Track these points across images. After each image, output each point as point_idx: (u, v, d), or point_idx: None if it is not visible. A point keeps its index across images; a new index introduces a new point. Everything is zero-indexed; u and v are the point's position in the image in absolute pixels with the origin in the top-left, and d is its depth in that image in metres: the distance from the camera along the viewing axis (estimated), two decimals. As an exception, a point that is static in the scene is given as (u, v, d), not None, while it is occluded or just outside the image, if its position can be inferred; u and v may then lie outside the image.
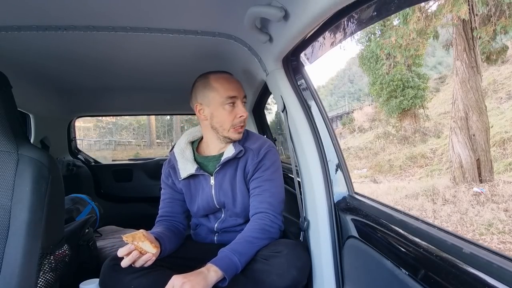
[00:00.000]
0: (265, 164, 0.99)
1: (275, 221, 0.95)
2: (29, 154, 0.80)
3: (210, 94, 0.99)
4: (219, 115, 0.99)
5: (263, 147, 1.01)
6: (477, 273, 0.45)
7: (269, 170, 0.99)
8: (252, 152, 1.00)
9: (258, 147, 1.01)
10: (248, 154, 1.00)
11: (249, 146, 1.02)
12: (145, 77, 1.54)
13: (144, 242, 0.78)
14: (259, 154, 1.00)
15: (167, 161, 1.11)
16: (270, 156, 1.01)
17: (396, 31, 6.83)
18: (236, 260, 0.82)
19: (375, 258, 0.67)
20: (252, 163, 0.99)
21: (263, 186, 0.97)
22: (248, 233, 0.91)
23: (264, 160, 0.99)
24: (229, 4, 0.83)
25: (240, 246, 0.86)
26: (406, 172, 8.82)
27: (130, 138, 19.20)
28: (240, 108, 0.99)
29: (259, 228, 0.91)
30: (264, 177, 0.98)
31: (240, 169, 1.00)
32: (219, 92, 0.98)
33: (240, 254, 0.83)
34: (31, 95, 1.58)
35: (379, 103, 12.08)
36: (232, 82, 1.01)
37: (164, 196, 1.10)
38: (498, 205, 4.52)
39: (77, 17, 0.88)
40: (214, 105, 0.99)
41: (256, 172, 0.99)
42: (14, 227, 0.76)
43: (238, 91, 0.99)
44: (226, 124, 0.99)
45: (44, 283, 0.81)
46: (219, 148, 1.04)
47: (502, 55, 6.84)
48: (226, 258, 0.82)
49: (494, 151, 6.85)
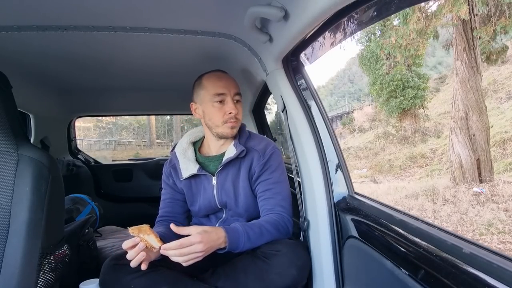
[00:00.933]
0: (272, 166, 0.99)
1: (288, 224, 0.95)
2: (29, 154, 0.80)
3: (201, 92, 1.01)
4: (209, 113, 1.00)
5: (268, 148, 1.01)
6: (477, 273, 0.45)
7: (277, 172, 1.00)
8: (258, 153, 1.00)
9: (263, 148, 1.01)
10: (253, 154, 1.00)
11: (253, 146, 1.02)
12: (145, 77, 1.54)
13: (150, 236, 0.78)
14: (265, 155, 1.00)
15: (168, 161, 1.11)
16: (276, 157, 1.01)
17: (396, 31, 6.83)
18: (241, 245, 0.84)
19: (375, 258, 0.67)
20: (258, 164, 0.99)
21: (274, 189, 0.97)
22: (263, 224, 0.91)
23: (270, 161, 0.99)
24: (229, 4, 0.83)
25: (252, 233, 0.86)
26: (406, 172, 8.82)
27: (130, 138, 19.21)
28: (229, 105, 0.98)
29: (274, 224, 0.92)
30: (273, 179, 0.98)
31: (245, 169, 0.99)
32: (208, 90, 0.99)
33: (248, 241, 0.85)
34: (31, 95, 1.58)
35: (379, 103, 12.08)
36: (222, 79, 1.00)
37: (165, 196, 1.10)
38: (498, 205, 4.52)
39: (77, 17, 0.88)
40: (205, 103, 1.00)
41: (263, 173, 0.99)
42: (14, 227, 0.76)
43: (227, 88, 0.98)
44: (216, 121, 0.99)
45: (44, 283, 0.81)
46: (218, 148, 1.05)
47: (502, 55, 6.84)
48: (236, 238, 0.83)
49: (494, 151, 6.85)
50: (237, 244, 0.83)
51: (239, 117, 1.01)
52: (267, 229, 0.90)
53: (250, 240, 0.85)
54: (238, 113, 1.00)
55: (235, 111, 0.98)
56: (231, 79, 1.03)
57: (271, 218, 0.93)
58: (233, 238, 0.83)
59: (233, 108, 0.98)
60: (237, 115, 0.99)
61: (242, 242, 0.84)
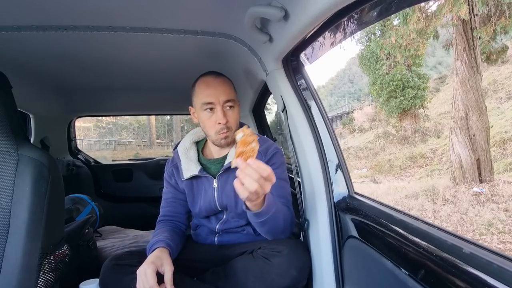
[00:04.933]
0: (275, 163, 0.99)
1: (292, 216, 0.95)
2: (29, 154, 0.80)
3: (194, 98, 0.99)
4: (202, 121, 0.98)
5: (271, 148, 1.01)
6: (477, 273, 0.45)
7: (280, 169, 0.99)
8: (260, 154, 0.99)
9: (265, 149, 1.00)
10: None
11: None
12: (145, 77, 1.54)
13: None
14: (267, 154, 0.99)
15: (170, 160, 1.10)
16: (279, 157, 1.01)
17: (396, 31, 6.83)
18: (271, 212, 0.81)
19: (375, 258, 0.67)
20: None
21: (277, 184, 0.96)
22: (280, 205, 0.89)
23: (273, 159, 0.99)
24: (229, 4, 0.83)
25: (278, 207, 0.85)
26: (406, 172, 8.82)
27: (130, 138, 19.21)
28: (218, 115, 0.94)
29: (285, 208, 0.92)
30: (277, 175, 0.97)
31: None
32: (198, 97, 0.97)
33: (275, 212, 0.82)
34: (31, 95, 1.58)
35: (379, 103, 12.09)
36: (210, 86, 0.95)
37: (167, 196, 1.09)
38: (498, 205, 4.52)
39: (77, 17, 0.88)
40: (197, 109, 0.98)
41: None
42: (14, 227, 0.76)
43: (214, 97, 0.94)
44: (209, 130, 0.97)
45: (44, 283, 0.81)
46: (220, 152, 1.04)
47: (502, 55, 6.84)
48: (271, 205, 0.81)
49: (494, 151, 6.85)
50: (267, 210, 0.80)
51: (231, 125, 0.97)
52: (283, 210, 0.90)
53: (276, 212, 0.83)
54: (229, 121, 0.96)
55: (223, 120, 0.94)
56: (222, 84, 0.97)
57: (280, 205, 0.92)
58: (270, 203, 0.80)
59: (221, 118, 0.93)
60: (227, 124, 0.95)
61: (271, 211, 0.81)
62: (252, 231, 1.03)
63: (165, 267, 0.80)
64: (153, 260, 0.80)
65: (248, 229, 1.03)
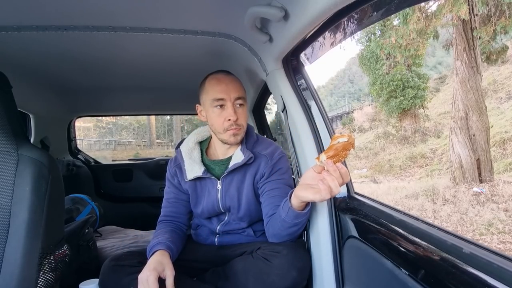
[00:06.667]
0: (282, 168, 0.99)
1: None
2: (29, 154, 0.80)
3: (203, 95, 0.99)
4: (210, 118, 0.97)
5: (277, 152, 1.00)
6: (477, 273, 0.45)
7: (286, 174, 0.99)
8: (266, 158, 0.98)
9: (271, 152, 1.00)
10: (260, 160, 0.98)
11: (261, 151, 1.00)
12: (145, 77, 1.54)
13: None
14: (273, 158, 0.99)
15: (173, 160, 1.08)
16: (284, 162, 1.01)
17: (396, 31, 6.83)
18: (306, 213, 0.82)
19: (375, 258, 0.67)
20: (266, 166, 0.97)
21: (283, 189, 0.96)
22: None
23: (279, 164, 0.99)
24: (229, 4, 0.83)
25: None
26: (406, 172, 8.82)
27: (130, 138, 19.21)
28: (228, 111, 0.94)
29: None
30: (283, 180, 0.97)
31: (250, 175, 0.98)
32: (208, 94, 0.96)
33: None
34: (31, 95, 1.58)
35: (379, 103, 12.08)
36: (223, 83, 0.95)
37: (169, 195, 1.08)
38: (498, 205, 4.52)
39: (77, 17, 0.88)
40: (206, 107, 0.98)
41: (272, 174, 0.97)
42: (14, 227, 0.76)
43: (226, 93, 0.94)
44: (218, 127, 0.96)
45: (44, 283, 0.81)
46: (225, 152, 1.03)
47: (502, 55, 6.83)
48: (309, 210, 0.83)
49: (494, 151, 6.85)
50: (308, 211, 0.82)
51: (241, 122, 0.96)
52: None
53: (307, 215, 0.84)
54: (240, 118, 0.95)
55: (234, 117, 0.93)
56: (233, 82, 0.97)
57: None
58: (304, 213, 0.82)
59: (232, 114, 0.93)
60: (237, 121, 0.95)
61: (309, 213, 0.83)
62: (252, 232, 1.03)
63: (167, 272, 0.80)
64: (155, 266, 0.80)
65: (248, 231, 1.03)
